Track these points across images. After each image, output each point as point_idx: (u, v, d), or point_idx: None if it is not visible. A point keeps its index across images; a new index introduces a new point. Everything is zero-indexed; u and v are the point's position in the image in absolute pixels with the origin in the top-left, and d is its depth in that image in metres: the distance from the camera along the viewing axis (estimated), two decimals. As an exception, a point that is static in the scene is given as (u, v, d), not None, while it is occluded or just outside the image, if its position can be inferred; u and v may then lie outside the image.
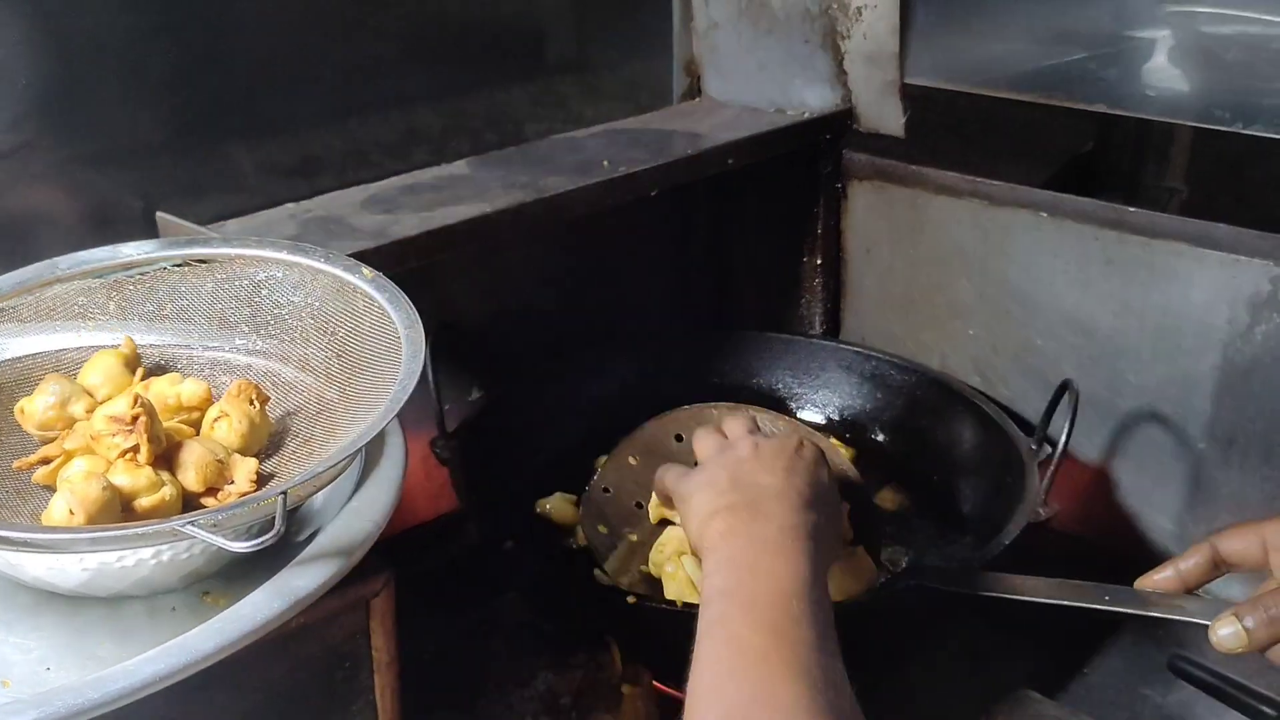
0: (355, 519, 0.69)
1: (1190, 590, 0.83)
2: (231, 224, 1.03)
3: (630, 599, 0.92)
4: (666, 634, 0.94)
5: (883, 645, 1.02)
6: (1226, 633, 0.76)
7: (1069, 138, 1.66)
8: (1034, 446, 1.11)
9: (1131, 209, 1.12)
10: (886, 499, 1.22)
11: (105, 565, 0.65)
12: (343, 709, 0.75)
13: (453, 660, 1.06)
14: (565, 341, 1.31)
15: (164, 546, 0.65)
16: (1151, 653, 1.11)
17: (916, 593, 0.93)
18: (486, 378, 1.20)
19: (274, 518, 0.61)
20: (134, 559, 0.65)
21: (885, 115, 1.27)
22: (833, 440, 1.23)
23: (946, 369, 1.29)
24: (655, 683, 1.00)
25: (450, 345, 1.14)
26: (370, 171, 1.15)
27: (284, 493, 0.62)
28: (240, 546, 0.59)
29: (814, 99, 1.32)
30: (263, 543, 0.59)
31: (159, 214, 0.99)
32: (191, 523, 0.59)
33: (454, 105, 1.21)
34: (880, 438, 1.28)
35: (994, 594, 0.90)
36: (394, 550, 0.77)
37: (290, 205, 1.08)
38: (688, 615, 0.92)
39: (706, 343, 1.34)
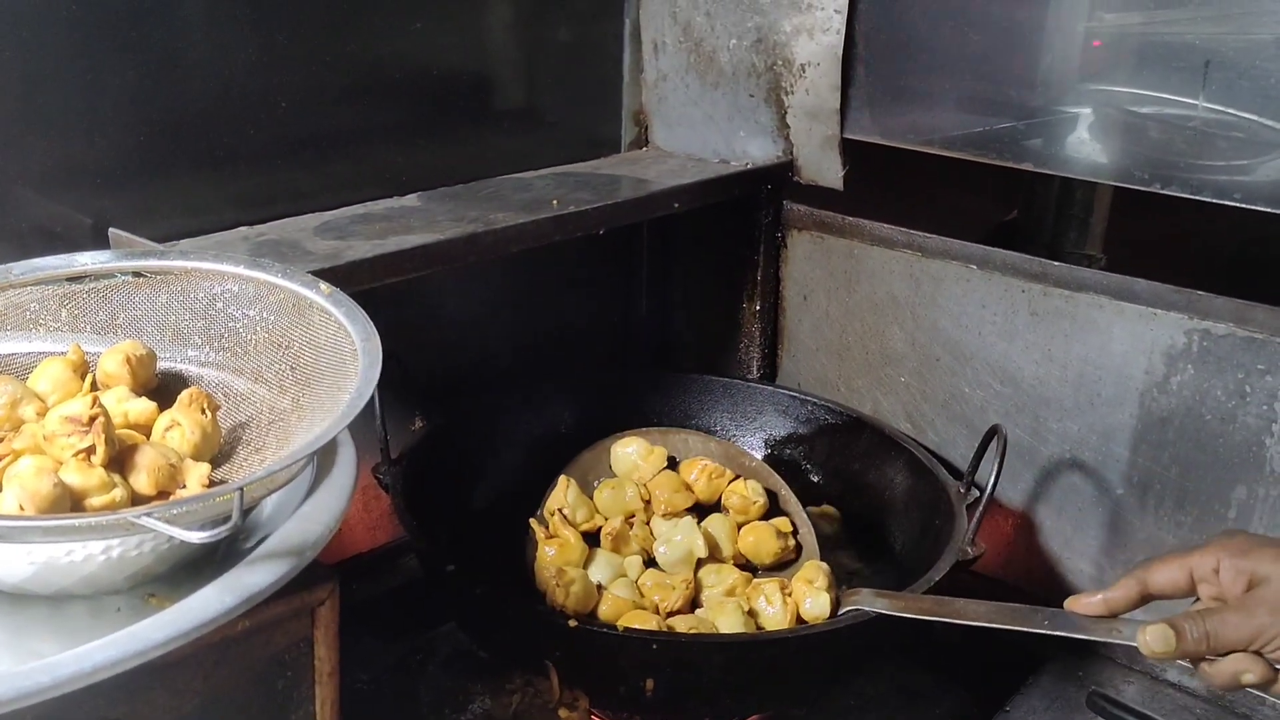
0: (307, 522, 0.69)
1: (1114, 617, 0.88)
2: (184, 243, 1.04)
3: (572, 623, 0.93)
4: (608, 658, 0.95)
5: (822, 674, 1.04)
6: (1155, 635, 0.82)
7: (994, 206, 1.73)
8: (962, 490, 1.15)
9: (1056, 263, 1.18)
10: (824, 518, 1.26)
11: (53, 560, 0.65)
12: (282, 717, 0.75)
13: (388, 687, 1.06)
14: (508, 376, 1.33)
15: (114, 542, 0.65)
16: (1071, 691, 1.15)
17: (867, 623, 0.96)
18: (429, 408, 1.21)
19: (229, 514, 0.62)
20: (83, 554, 0.65)
21: (825, 168, 1.32)
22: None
23: (878, 414, 1.33)
24: (592, 713, 1.01)
25: (395, 375, 1.15)
26: (322, 203, 1.17)
27: (241, 489, 0.62)
28: (197, 536, 0.59)
29: (757, 151, 1.37)
30: (219, 533, 0.60)
31: (112, 230, 1.00)
32: (148, 514, 0.60)
33: (406, 146, 1.24)
34: (815, 479, 1.31)
35: (937, 618, 0.93)
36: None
37: (244, 228, 1.09)
38: (629, 639, 0.95)
39: (648, 382, 1.37)
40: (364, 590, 1.25)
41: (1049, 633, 0.91)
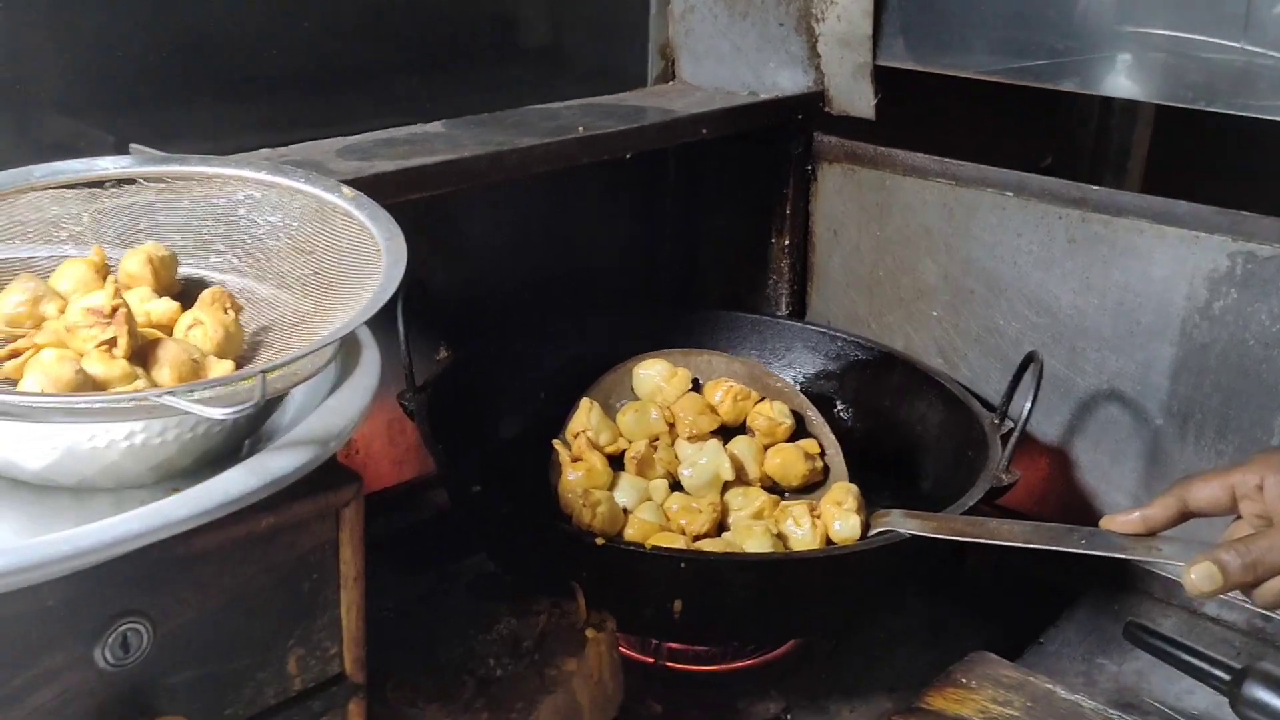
0: (330, 415, 0.68)
1: (1152, 535, 0.86)
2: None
3: (599, 541, 0.92)
4: (635, 578, 0.94)
5: (852, 598, 1.03)
6: (1201, 574, 0.78)
7: (1029, 150, 1.70)
8: (996, 421, 1.13)
9: (1095, 188, 1.15)
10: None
11: (75, 445, 0.64)
12: (308, 621, 0.74)
13: (414, 615, 1.05)
14: (534, 307, 1.32)
15: (137, 427, 0.64)
16: (1107, 624, 1.13)
17: (899, 544, 0.94)
18: (455, 337, 1.20)
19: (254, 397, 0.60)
20: (105, 439, 0.63)
21: (857, 98, 1.30)
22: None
23: (910, 350, 1.31)
24: (619, 637, 0.99)
25: (420, 303, 1.14)
26: (345, 129, 1.15)
27: (264, 372, 0.61)
28: (218, 412, 0.58)
29: (787, 82, 1.34)
30: (241, 410, 0.59)
31: (133, 145, 0.99)
32: (170, 393, 0.59)
33: (430, 80, 1.22)
34: (845, 415, 1.29)
35: (970, 539, 0.91)
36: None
37: (265, 150, 1.07)
38: (655, 557, 0.93)
39: (675, 319, 1.35)
40: (390, 524, 1.25)
41: (1086, 552, 0.89)
